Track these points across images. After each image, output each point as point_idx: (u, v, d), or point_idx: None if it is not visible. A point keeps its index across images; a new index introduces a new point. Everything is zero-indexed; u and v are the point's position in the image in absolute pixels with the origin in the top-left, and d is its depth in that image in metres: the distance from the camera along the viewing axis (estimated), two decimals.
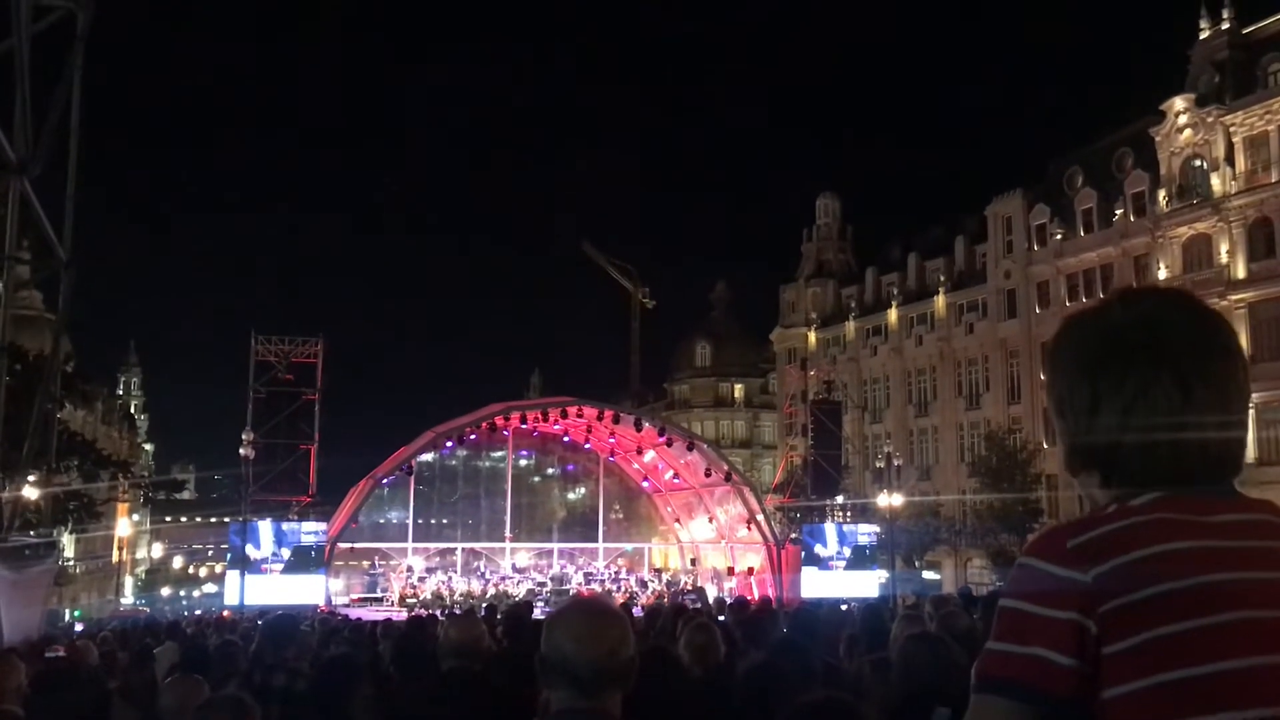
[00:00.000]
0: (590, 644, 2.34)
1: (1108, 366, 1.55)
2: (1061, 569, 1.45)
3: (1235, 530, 1.45)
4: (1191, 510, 1.47)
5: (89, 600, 65.00)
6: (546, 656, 2.36)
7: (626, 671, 2.39)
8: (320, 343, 37.11)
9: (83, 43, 13.21)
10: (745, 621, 9.13)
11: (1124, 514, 1.48)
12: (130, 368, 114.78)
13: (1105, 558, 1.43)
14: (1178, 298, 1.62)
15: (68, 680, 6.92)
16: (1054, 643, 1.42)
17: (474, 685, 4.44)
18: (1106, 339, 1.57)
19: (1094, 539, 1.46)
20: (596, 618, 2.44)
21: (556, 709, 2.35)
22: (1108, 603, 1.41)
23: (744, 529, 41.12)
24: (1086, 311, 1.66)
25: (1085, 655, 1.41)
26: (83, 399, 27.23)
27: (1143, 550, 1.42)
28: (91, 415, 61.11)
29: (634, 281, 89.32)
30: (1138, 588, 1.40)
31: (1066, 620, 1.42)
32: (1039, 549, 1.50)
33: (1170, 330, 1.54)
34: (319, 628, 12.78)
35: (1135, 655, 1.38)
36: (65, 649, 8.56)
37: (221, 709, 3.66)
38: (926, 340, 60.66)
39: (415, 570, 40.03)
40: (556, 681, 2.34)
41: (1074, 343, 1.62)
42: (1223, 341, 1.56)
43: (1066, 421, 1.60)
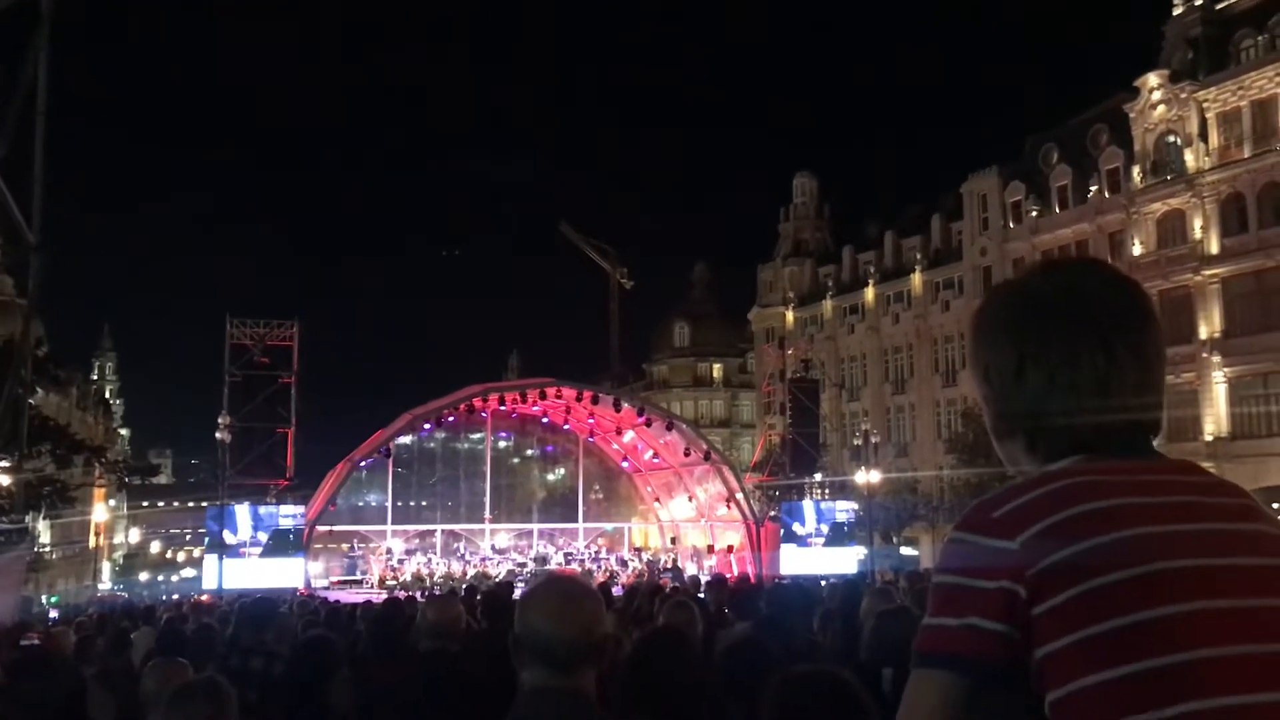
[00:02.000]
0: (564, 622, 2.33)
1: (1033, 333, 1.57)
2: (990, 540, 1.47)
3: (1156, 487, 1.48)
4: (1112, 471, 1.49)
5: (66, 586, 64.65)
6: (520, 636, 2.34)
7: (601, 649, 2.38)
8: (296, 325, 36.93)
9: (48, 23, 13.03)
10: (725, 598, 9.17)
11: (1046, 479, 1.50)
12: (105, 352, 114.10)
13: (1030, 523, 1.45)
14: (1098, 267, 1.66)
15: (42, 668, 6.87)
16: (985, 611, 1.44)
17: (451, 666, 4.43)
18: (1031, 307, 1.60)
19: (1018, 507, 1.48)
20: (570, 596, 2.43)
21: (531, 687, 2.34)
22: (1035, 565, 1.43)
23: (723, 507, 41.29)
24: (1011, 281, 1.69)
25: (1016, 620, 1.43)
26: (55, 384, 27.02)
27: (1066, 511, 1.44)
28: (65, 400, 60.70)
29: (612, 262, 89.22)
30: (1063, 547, 1.42)
31: (997, 589, 1.44)
32: (967, 523, 1.52)
33: (1093, 297, 1.58)
34: (297, 610, 12.74)
35: (1062, 612, 1.40)
36: (40, 636, 8.50)
37: (197, 692, 3.62)
38: (903, 318, 60.88)
39: (395, 552, 40.01)
40: (531, 660, 2.33)
41: (999, 311, 1.64)
42: (1144, 308, 1.60)
43: (992, 389, 1.62)
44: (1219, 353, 42.29)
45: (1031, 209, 52.67)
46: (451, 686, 4.28)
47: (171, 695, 3.82)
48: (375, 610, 10.21)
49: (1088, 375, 1.53)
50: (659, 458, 43.78)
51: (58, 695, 6.45)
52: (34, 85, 12.66)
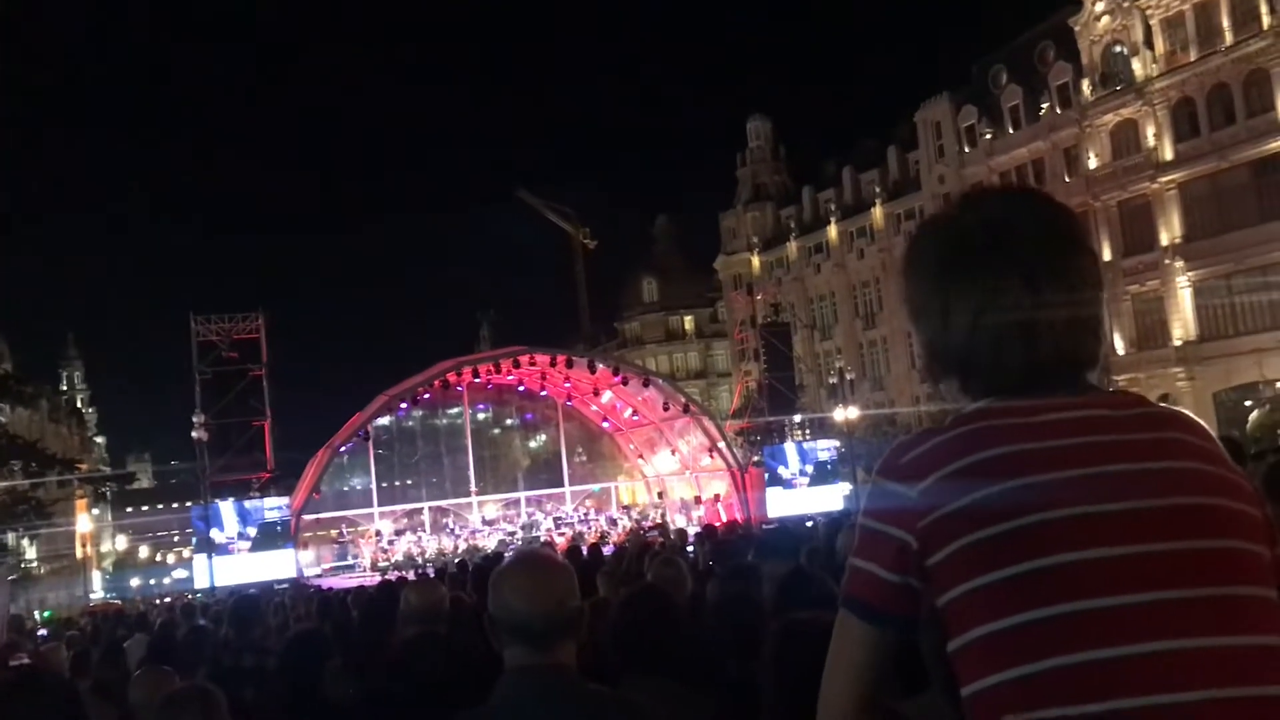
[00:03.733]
0: (538, 598, 2.32)
1: (956, 271, 1.53)
2: (896, 484, 1.48)
3: (1062, 428, 1.44)
4: (1021, 414, 1.46)
5: (57, 599, 64.34)
6: (496, 616, 2.33)
7: (577, 621, 2.37)
8: (260, 317, 36.66)
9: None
10: (714, 549, 9.20)
11: (956, 424, 1.49)
12: (71, 361, 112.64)
13: (929, 471, 1.45)
14: (1022, 196, 1.62)
15: (33, 687, 6.80)
16: (884, 561, 1.47)
17: (438, 649, 4.41)
18: (953, 243, 1.56)
19: (923, 453, 1.48)
20: (541, 571, 2.41)
21: (512, 665, 2.32)
22: (928, 517, 1.43)
23: (707, 458, 41.48)
24: (934, 218, 1.65)
25: (909, 570, 1.45)
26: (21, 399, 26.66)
27: (961, 461, 1.43)
28: (36, 414, 60.06)
29: (573, 224, 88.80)
30: (952, 499, 1.41)
31: (894, 537, 1.46)
32: (883, 466, 1.53)
33: (1016, 229, 1.53)
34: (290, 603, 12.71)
35: (951, 563, 1.40)
36: (30, 655, 8.43)
37: (187, 702, 3.58)
38: (868, 253, 60.99)
39: (384, 534, 39.99)
40: (508, 640, 2.32)
41: (923, 250, 1.61)
42: (1071, 236, 1.55)
43: (922, 329, 1.59)
44: (1181, 258, 42.61)
45: (985, 132, 52.70)
46: (439, 670, 4.27)
47: (160, 705, 3.78)
48: (366, 596, 10.20)
49: (1012, 312, 1.48)
50: (638, 415, 43.84)
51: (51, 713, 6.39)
52: None
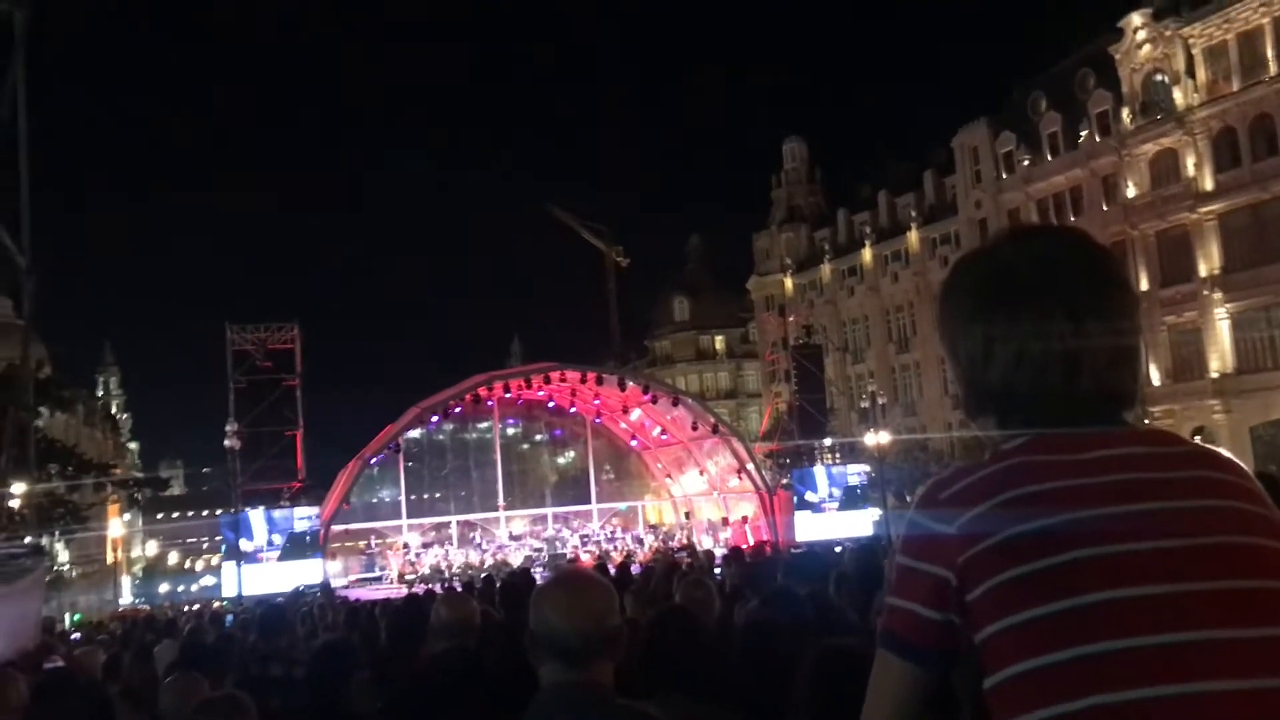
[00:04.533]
0: (576, 615, 2.33)
1: (996, 305, 1.53)
2: (934, 522, 1.48)
3: (1097, 467, 1.44)
4: (1061, 449, 1.47)
5: (87, 602, 64.96)
6: (535, 632, 2.35)
7: (615, 640, 2.38)
8: (296, 328, 36.97)
9: (24, 45, 12.94)
10: (742, 572, 9.17)
11: (995, 459, 1.49)
12: (108, 368, 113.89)
13: (968, 507, 1.45)
14: (1066, 234, 1.61)
15: (66, 690, 6.87)
16: (924, 598, 1.47)
17: (468, 664, 4.42)
18: (994, 278, 1.56)
19: (963, 489, 1.48)
20: (581, 589, 2.42)
21: (548, 683, 2.34)
22: (966, 552, 1.43)
23: (735, 479, 41.34)
24: (976, 252, 1.65)
25: (950, 607, 1.45)
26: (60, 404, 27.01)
27: (1000, 496, 1.44)
28: (73, 419, 60.79)
29: (606, 241, 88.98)
30: (990, 534, 1.42)
31: (933, 575, 1.46)
32: (920, 501, 1.52)
33: (1061, 267, 1.54)
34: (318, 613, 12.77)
35: (989, 600, 1.40)
36: (64, 658, 8.51)
37: (217, 710, 3.61)
38: (902, 276, 60.76)
39: (412, 547, 40.10)
40: (545, 656, 2.33)
41: (965, 284, 1.61)
42: (1113, 276, 1.56)
43: (961, 364, 1.60)
44: (1220, 289, 42.18)
45: (1023, 158, 52.45)
46: (472, 683, 4.28)
47: (193, 712, 3.81)
48: (394, 608, 10.23)
49: (1055, 351, 1.49)
50: (667, 434, 43.79)
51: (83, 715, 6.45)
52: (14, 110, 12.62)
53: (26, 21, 12.92)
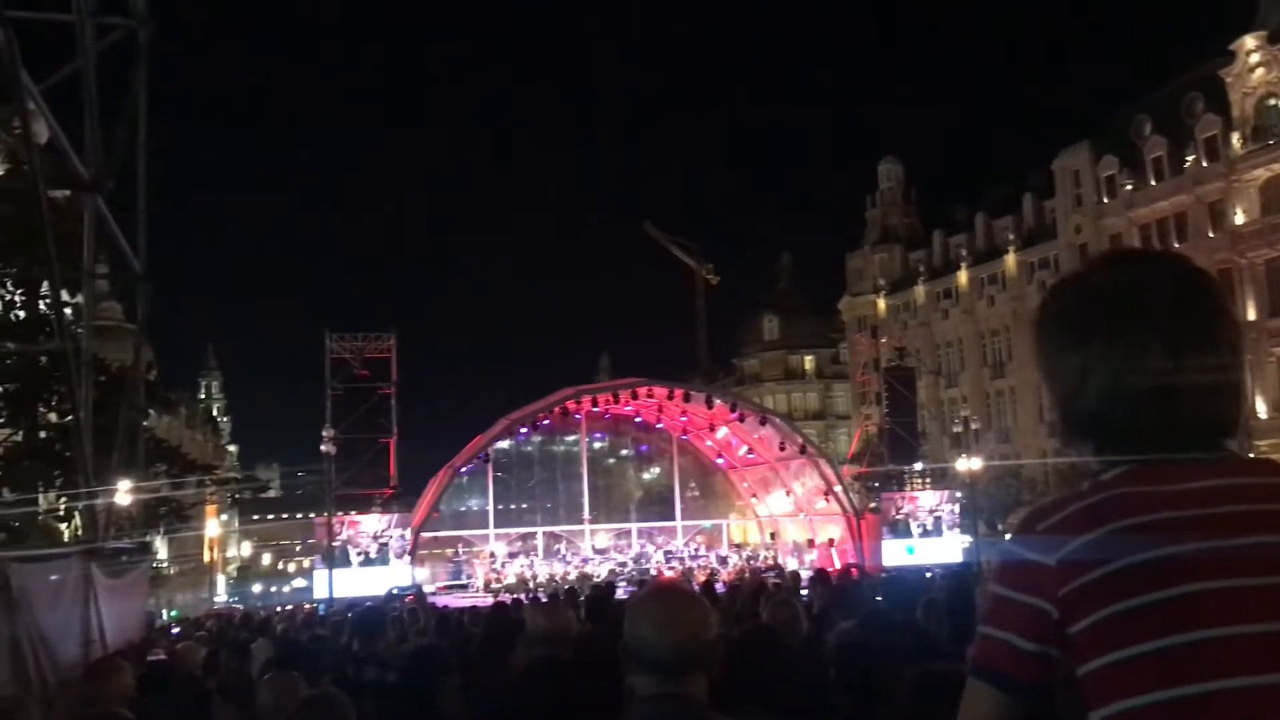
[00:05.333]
0: (671, 629, 2.34)
1: (1096, 333, 1.52)
2: (1032, 552, 1.47)
3: (1201, 498, 1.42)
4: (1163, 480, 1.44)
5: (184, 600, 66.79)
6: (629, 644, 2.37)
7: (708, 654, 2.39)
8: (393, 337, 37.61)
9: (145, 59, 13.47)
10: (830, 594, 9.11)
11: (1094, 490, 1.48)
12: (210, 372, 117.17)
13: (1069, 538, 1.44)
14: (1166, 260, 1.59)
15: (169, 683, 7.11)
16: (1022, 629, 1.46)
17: (563, 672, 4.47)
18: (1094, 305, 1.54)
19: (1061, 520, 1.46)
20: (676, 602, 2.45)
21: (641, 695, 2.36)
22: (1067, 585, 1.42)
23: (822, 500, 40.96)
24: (1071, 277, 1.63)
25: (1049, 639, 1.44)
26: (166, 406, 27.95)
27: (1101, 528, 1.42)
28: (176, 421, 62.71)
29: (697, 259, 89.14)
30: (1092, 568, 1.40)
31: (1031, 605, 1.45)
32: (1018, 531, 1.51)
33: (1158, 293, 1.51)
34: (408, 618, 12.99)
35: (1094, 634, 1.39)
36: (166, 651, 8.81)
37: (319, 708, 3.69)
38: (999, 300, 59.72)
39: (498, 556, 40.46)
40: (640, 668, 2.35)
41: (1061, 310, 1.59)
42: (1213, 302, 1.53)
43: (1057, 390, 1.58)
44: None
45: (1126, 182, 51.25)
46: (563, 693, 4.33)
47: (295, 711, 3.91)
48: (484, 616, 10.37)
49: (1153, 377, 1.47)
50: (754, 453, 43.58)
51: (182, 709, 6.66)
52: (135, 121, 13.14)
53: (149, 38, 13.45)
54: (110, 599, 9.65)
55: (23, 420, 17.68)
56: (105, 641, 9.16)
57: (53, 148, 12.45)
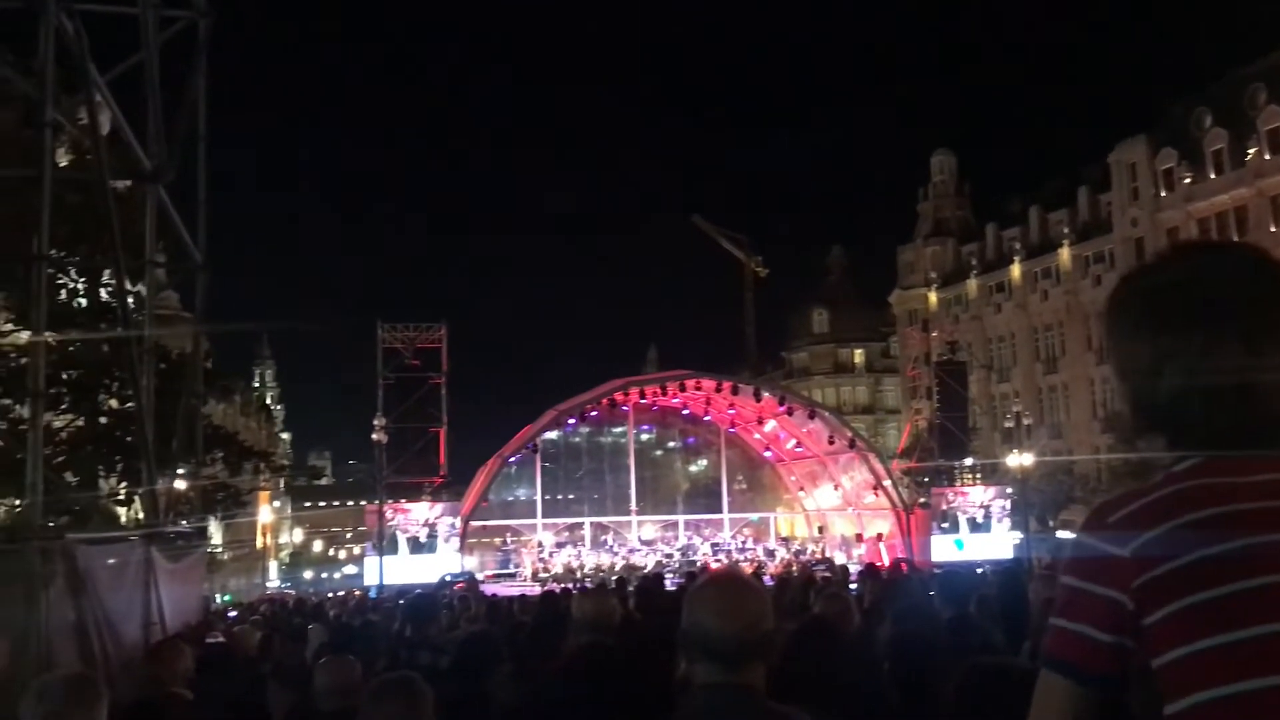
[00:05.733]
0: (731, 618, 2.36)
1: (1170, 325, 1.49)
2: (1105, 544, 1.46)
3: (1275, 490, 1.40)
4: (1235, 473, 1.43)
5: (237, 585, 67.82)
6: (688, 631, 2.38)
7: (768, 644, 2.40)
8: (443, 328, 37.89)
9: (206, 50, 13.68)
10: (880, 588, 9.08)
11: (1166, 483, 1.46)
12: (264, 360, 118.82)
13: (1142, 530, 1.43)
14: (1238, 250, 1.56)
15: (226, 664, 7.24)
16: (1096, 621, 1.45)
17: (607, 659, 4.51)
18: (1168, 295, 1.52)
19: (1134, 512, 1.46)
20: (736, 591, 2.46)
21: (700, 683, 2.38)
22: (1142, 576, 1.41)
23: (871, 495, 40.75)
24: (1144, 268, 1.60)
25: (1124, 631, 1.43)
26: (222, 393, 28.34)
27: (1176, 520, 1.41)
28: (231, 408, 63.59)
29: (746, 252, 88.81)
30: (1168, 559, 1.39)
31: (1106, 597, 1.44)
32: (1088, 524, 1.51)
33: (1233, 285, 1.49)
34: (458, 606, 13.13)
35: (1168, 626, 1.38)
36: (223, 634, 8.97)
37: (395, 692, 3.67)
38: (1053, 295, 58.94)
39: (545, 545, 40.71)
40: (699, 656, 2.37)
41: (1134, 302, 1.57)
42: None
43: (1128, 383, 1.56)
44: None
45: (1184, 176, 50.31)
46: (608, 679, 4.37)
47: (369, 697, 3.94)
48: (534, 604, 10.45)
49: (1229, 369, 1.45)
50: (802, 446, 43.44)
51: (239, 690, 6.78)
52: (195, 112, 13.35)
53: (209, 29, 13.66)
54: (169, 582, 9.85)
55: (84, 406, 18.02)
56: (164, 624, 9.35)
57: (115, 138, 12.68)
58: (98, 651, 7.41)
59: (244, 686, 6.96)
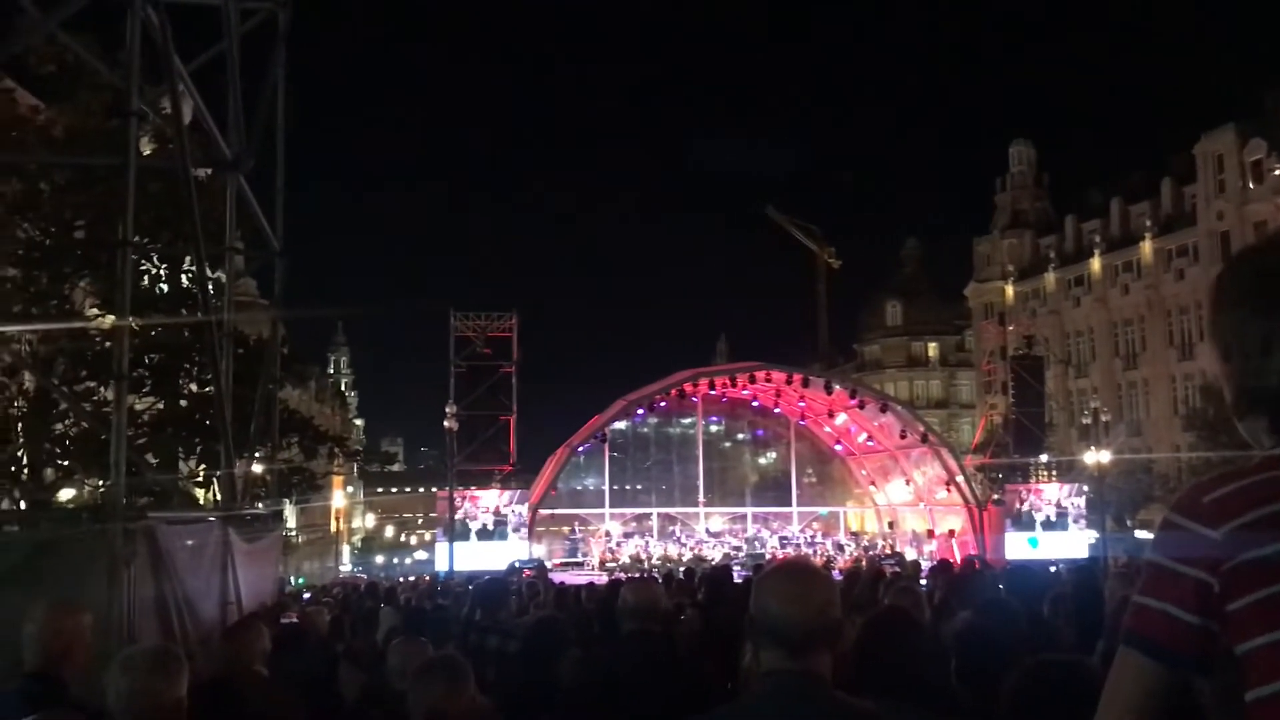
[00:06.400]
0: (798, 605, 2.36)
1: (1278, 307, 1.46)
2: (1196, 525, 1.43)
3: None
4: None
5: (310, 568, 69.12)
6: (755, 618, 2.39)
7: (835, 632, 2.40)
8: (514, 317, 38.16)
9: (285, 41, 13.90)
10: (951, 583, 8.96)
11: (1266, 466, 1.43)
12: (339, 347, 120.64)
13: (1237, 513, 1.40)
14: None
15: (300, 644, 7.38)
16: (1180, 600, 1.42)
17: (653, 647, 4.53)
18: (1277, 278, 1.48)
19: (1229, 494, 1.42)
20: (804, 579, 2.45)
21: (766, 669, 2.38)
22: (1233, 559, 1.38)
23: (943, 491, 40.25)
24: (1255, 247, 1.58)
25: (1210, 613, 1.40)
26: (298, 379, 28.86)
27: (1271, 506, 1.38)
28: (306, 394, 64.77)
29: (819, 242, 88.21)
30: (1264, 543, 1.36)
31: (1193, 577, 1.41)
32: (1179, 504, 1.48)
33: None
34: (526, 592, 13.25)
35: (1256, 611, 1.36)
36: (297, 615, 9.15)
37: (439, 670, 3.84)
38: (1133, 289, 57.70)
39: (613, 535, 40.87)
40: (766, 642, 2.37)
41: (1243, 280, 1.53)
42: None
43: (1234, 363, 1.52)
44: None
45: (1275, 167, 48.87)
46: (653, 666, 4.39)
47: (415, 673, 4.06)
48: (601, 593, 10.50)
49: None
50: (873, 440, 43.05)
51: (313, 670, 6.90)
52: (274, 101, 13.58)
53: (288, 21, 13.88)
54: (246, 563, 10.05)
55: (166, 390, 18.47)
56: (240, 604, 9.55)
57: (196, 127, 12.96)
58: (177, 628, 7.59)
59: (317, 666, 7.09)
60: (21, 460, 17.38)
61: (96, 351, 16.56)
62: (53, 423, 17.66)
